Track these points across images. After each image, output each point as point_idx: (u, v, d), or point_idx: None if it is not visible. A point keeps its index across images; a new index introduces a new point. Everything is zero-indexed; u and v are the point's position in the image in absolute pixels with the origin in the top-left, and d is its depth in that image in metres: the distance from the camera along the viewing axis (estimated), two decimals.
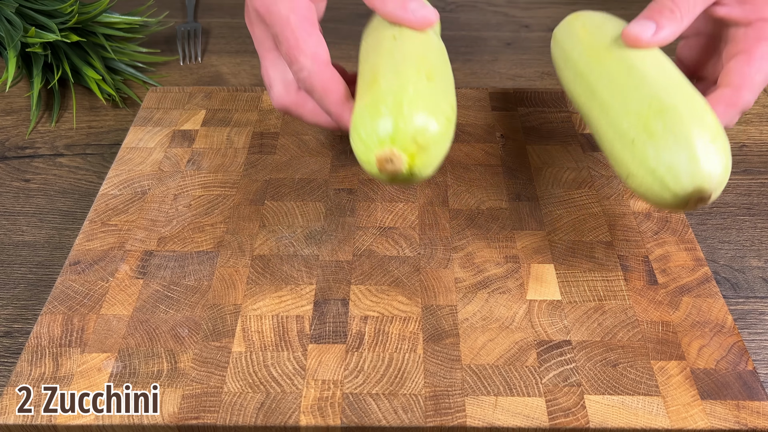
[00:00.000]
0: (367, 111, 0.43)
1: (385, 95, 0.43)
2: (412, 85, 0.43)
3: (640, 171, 0.43)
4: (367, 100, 0.43)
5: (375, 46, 0.49)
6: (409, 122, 0.41)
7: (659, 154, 0.42)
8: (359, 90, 0.46)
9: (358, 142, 0.43)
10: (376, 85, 0.44)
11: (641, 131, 0.43)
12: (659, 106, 0.43)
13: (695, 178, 0.41)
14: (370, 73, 0.46)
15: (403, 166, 0.42)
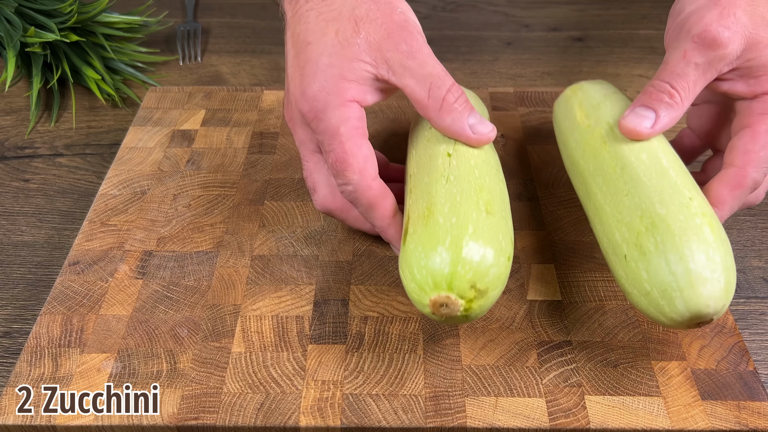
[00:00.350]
0: (422, 248, 0.40)
1: (443, 233, 0.40)
2: (472, 223, 0.40)
3: (634, 291, 0.42)
4: (423, 235, 0.41)
5: (428, 164, 0.46)
6: (468, 267, 0.39)
7: (651, 277, 0.40)
8: (412, 217, 0.43)
9: (410, 281, 0.41)
10: (432, 218, 0.41)
11: (633, 247, 0.42)
12: (651, 220, 0.41)
13: (690, 305, 0.39)
14: (424, 202, 0.43)
15: (459, 311, 0.40)
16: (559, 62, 0.79)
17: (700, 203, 0.42)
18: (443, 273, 0.39)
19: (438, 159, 0.46)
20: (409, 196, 0.46)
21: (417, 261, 0.40)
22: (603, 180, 0.46)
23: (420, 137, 0.50)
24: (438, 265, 0.39)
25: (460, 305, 0.39)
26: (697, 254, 0.39)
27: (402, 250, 0.43)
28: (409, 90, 0.46)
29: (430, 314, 0.41)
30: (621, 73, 0.77)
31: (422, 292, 0.40)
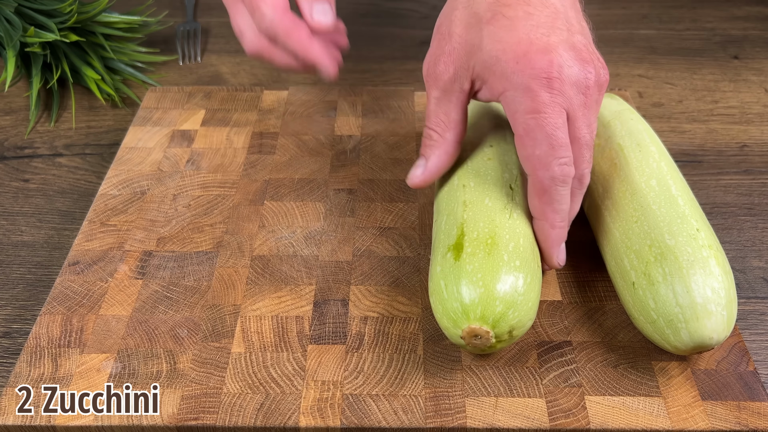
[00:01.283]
0: (482, 276, 0.41)
1: (505, 272, 0.42)
2: (530, 273, 0.43)
3: (640, 318, 0.44)
4: (485, 263, 0.42)
5: (489, 185, 0.47)
6: (514, 314, 0.41)
7: (659, 307, 0.42)
8: (469, 235, 0.44)
9: (455, 300, 0.42)
10: (496, 250, 0.42)
11: (641, 276, 0.43)
12: (660, 250, 0.43)
13: (695, 336, 0.41)
14: (486, 227, 0.44)
15: (486, 345, 0.42)
16: None
17: (707, 235, 0.44)
18: (493, 310, 0.41)
19: (501, 187, 0.47)
20: (464, 207, 0.46)
21: (472, 285, 0.41)
22: (612, 203, 0.48)
23: (480, 152, 0.50)
24: (491, 300, 0.41)
25: (491, 340, 0.41)
26: (703, 288, 0.41)
27: (452, 263, 0.43)
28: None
29: (456, 335, 0.42)
30: (621, 73, 0.77)
31: (464, 317, 0.41)
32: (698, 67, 0.78)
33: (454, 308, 0.41)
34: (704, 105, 0.72)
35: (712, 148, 0.66)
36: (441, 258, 0.44)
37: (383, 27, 0.86)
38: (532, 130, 0.43)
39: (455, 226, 0.45)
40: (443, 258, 0.43)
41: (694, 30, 0.85)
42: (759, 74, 0.77)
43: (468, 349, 0.42)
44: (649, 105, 0.72)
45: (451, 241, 0.44)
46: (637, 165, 0.49)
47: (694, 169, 0.64)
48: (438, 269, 0.43)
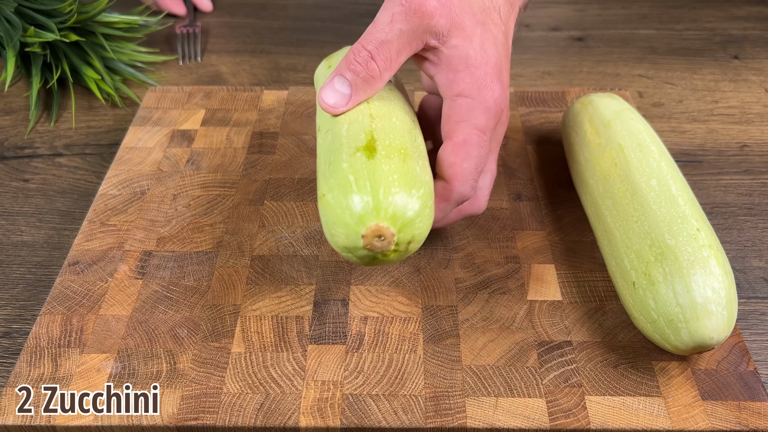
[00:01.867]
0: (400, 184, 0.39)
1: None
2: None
3: (641, 317, 0.44)
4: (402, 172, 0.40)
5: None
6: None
7: (659, 307, 0.42)
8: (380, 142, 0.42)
9: (345, 210, 0.39)
10: (409, 160, 0.41)
11: (642, 276, 0.43)
12: (660, 250, 0.43)
13: (695, 336, 0.41)
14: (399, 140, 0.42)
15: (390, 247, 0.39)
16: (560, 62, 0.79)
17: (707, 234, 0.44)
18: (404, 213, 0.39)
19: (405, 114, 0.45)
20: (371, 119, 0.43)
21: (388, 184, 0.39)
22: (613, 203, 0.48)
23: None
24: (405, 203, 0.39)
25: (391, 246, 0.39)
26: (703, 288, 0.41)
27: (364, 161, 0.40)
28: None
29: (357, 233, 0.39)
30: (621, 73, 0.77)
31: (374, 213, 0.38)
32: (698, 67, 0.78)
33: (364, 203, 0.38)
34: (704, 105, 0.72)
35: (712, 148, 0.66)
36: (348, 156, 0.40)
37: None
38: (473, 145, 0.43)
39: (362, 132, 0.42)
40: (351, 156, 0.40)
41: (695, 30, 0.85)
42: (759, 74, 0.77)
43: (357, 255, 0.40)
44: (649, 105, 0.72)
45: (360, 143, 0.41)
46: (637, 165, 0.49)
47: (695, 169, 0.64)
48: (344, 165, 0.40)
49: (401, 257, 0.40)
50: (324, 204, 0.40)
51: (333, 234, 0.40)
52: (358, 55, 0.42)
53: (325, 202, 0.40)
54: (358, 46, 0.43)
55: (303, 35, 0.85)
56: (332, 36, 0.84)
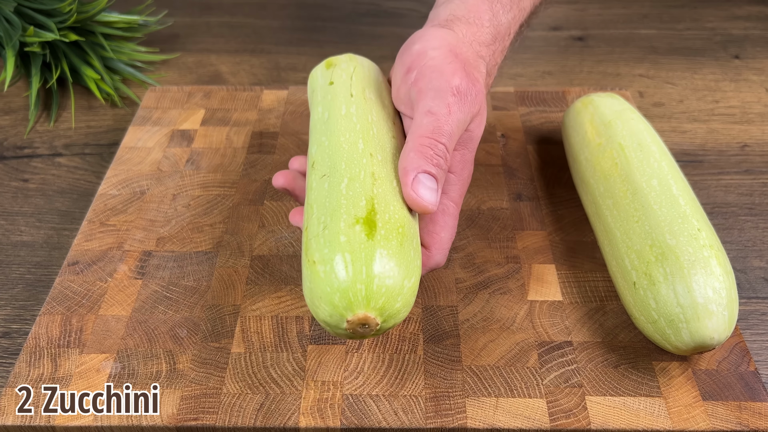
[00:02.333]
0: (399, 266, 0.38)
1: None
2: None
3: (641, 317, 0.44)
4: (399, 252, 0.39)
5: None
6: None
7: (660, 307, 0.42)
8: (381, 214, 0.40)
9: (335, 291, 0.37)
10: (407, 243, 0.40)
11: (642, 276, 0.43)
12: (661, 250, 0.43)
13: (696, 336, 0.41)
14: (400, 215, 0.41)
15: (369, 333, 0.39)
16: (560, 62, 0.79)
17: (707, 234, 0.44)
18: (392, 305, 0.38)
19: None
20: (373, 180, 0.41)
21: (384, 274, 0.38)
22: (613, 203, 0.48)
23: (385, 124, 0.47)
24: (396, 295, 0.38)
25: (371, 332, 0.39)
26: (704, 288, 0.41)
27: (364, 240, 0.38)
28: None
29: (342, 317, 0.38)
30: (622, 73, 0.77)
31: (363, 302, 0.38)
32: (699, 67, 0.78)
33: (355, 290, 0.37)
34: (705, 105, 0.72)
35: (713, 148, 0.66)
36: (346, 227, 0.38)
37: (383, 27, 0.86)
38: (452, 215, 0.45)
39: (363, 197, 0.40)
40: (349, 228, 0.38)
41: (695, 30, 0.85)
42: (760, 74, 0.77)
43: (335, 331, 0.39)
44: (649, 105, 0.72)
45: (360, 212, 0.39)
46: (638, 165, 0.49)
47: (695, 168, 0.64)
48: (342, 239, 0.38)
49: (376, 336, 0.41)
50: (313, 273, 0.38)
51: (316, 306, 0.38)
52: (436, 149, 0.41)
53: (315, 272, 0.38)
54: (431, 141, 0.42)
55: (303, 35, 0.85)
56: (332, 36, 0.84)
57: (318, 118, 0.48)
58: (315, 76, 0.53)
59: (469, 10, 0.48)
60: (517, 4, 0.50)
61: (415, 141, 0.41)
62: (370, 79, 0.50)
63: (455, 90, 0.43)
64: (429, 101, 0.43)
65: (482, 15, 0.48)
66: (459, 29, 0.47)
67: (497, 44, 0.49)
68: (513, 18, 0.50)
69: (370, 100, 0.48)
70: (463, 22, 0.48)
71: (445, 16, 0.48)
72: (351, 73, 0.50)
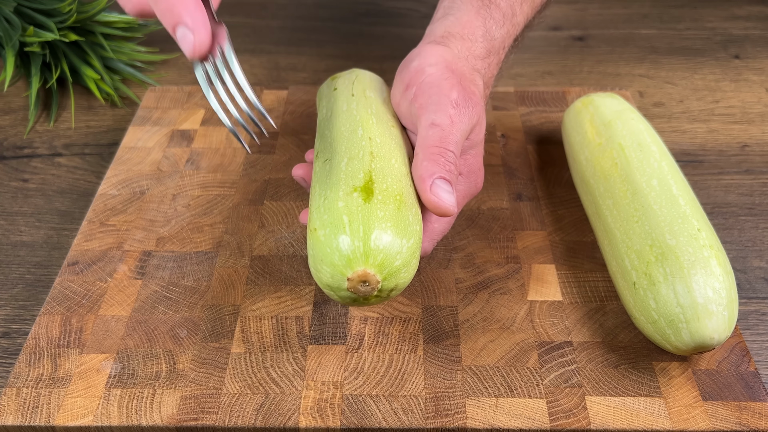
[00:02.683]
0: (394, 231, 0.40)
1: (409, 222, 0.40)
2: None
3: (641, 317, 0.44)
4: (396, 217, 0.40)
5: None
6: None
7: (660, 307, 0.42)
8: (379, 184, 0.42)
9: (334, 250, 0.39)
10: (405, 206, 0.41)
11: (642, 276, 0.43)
12: (661, 250, 0.43)
13: (696, 336, 0.41)
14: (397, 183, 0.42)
15: (373, 293, 0.39)
16: (560, 62, 0.79)
17: (707, 235, 0.44)
18: (392, 262, 0.39)
19: (404, 155, 0.45)
20: (371, 158, 0.43)
21: (381, 231, 0.39)
22: (613, 203, 0.48)
23: (384, 113, 0.48)
24: (394, 252, 0.39)
25: (374, 292, 0.39)
26: (704, 288, 0.41)
27: (360, 203, 0.40)
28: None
29: (343, 275, 0.39)
30: (622, 73, 0.77)
31: (362, 259, 0.39)
32: (699, 67, 0.78)
33: (354, 247, 0.39)
34: (705, 105, 0.72)
35: (713, 148, 0.66)
36: (345, 195, 0.40)
37: (383, 27, 0.86)
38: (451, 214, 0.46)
39: (361, 171, 0.42)
40: (347, 195, 0.40)
41: (695, 30, 0.85)
42: (760, 74, 0.76)
43: (338, 294, 0.40)
44: (650, 105, 0.72)
45: (358, 183, 0.41)
46: (638, 165, 0.49)
47: (695, 168, 0.64)
48: (340, 204, 0.40)
49: (381, 302, 0.41)
50: (314, 239, 0.40)
51: (318, 270, 0.40)
52: (447, 157, 0.43)
53: (316, 238, 0.40)
54: (441, 150, 0.43)
55: (303, 35, 0.85)
56: (332, 36, 0.84)
57: (322, 117, 0.50)
58: (321, 89, 0.55)
59: (464, 26, 0.50)
60: (510, 20, 0.52)
61: (426, 151, 0.43)
62: (372, 83, 0.52)
63: (454, 103, 0.45)
64: (431, 115, 0.45)
65: (475, 31, 0.50)
66: (454, 45, 0.49)
67: (492, 57, 0.51)
68: (506, 33, 0.52)
69: (370, 98, 0.49)
70: (457, 38, 0.49)
71: (440, 32, 0.50)
72: (353, 80, 0.52)
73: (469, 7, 0.51)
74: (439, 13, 0.52)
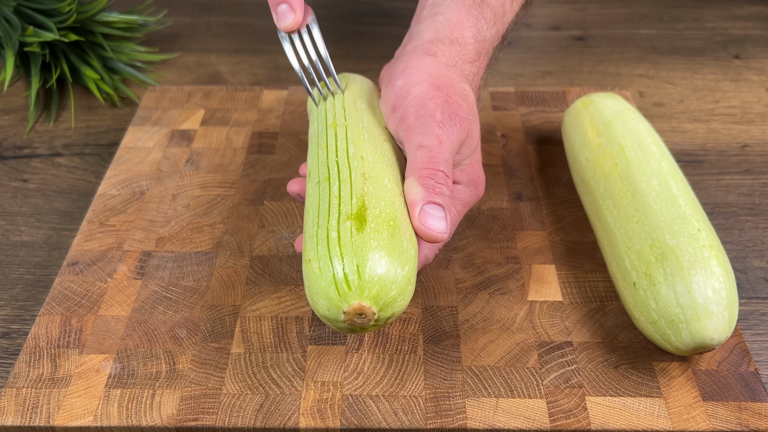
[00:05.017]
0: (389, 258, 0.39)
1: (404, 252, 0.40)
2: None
3: (641, 318, 0.44)
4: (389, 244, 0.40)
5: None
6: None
7: (660, 307, 0.42)
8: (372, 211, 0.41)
9: (330, 284, 0.39)
10: (398, 233, 0.41)
11: (643, 276, 0.43)
12: (661, 250, 0.43)
13: (696, 337, 0.41)
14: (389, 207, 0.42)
15: (369, 324, 0.39)
16: (560, 62, 0.79)
17: (707, 235, 0.44)
18: (387, 293, 0.39)
19: (397, 173, 0.45)
20: (364, 180, 0.43)
21: (375, 263, 0.39)
22: (613, 203, 0.48)
23: (376, 129, 0.48)
24: (389, 283, 0.39)
25: (370, 323, 0.39)
26: (704, 288, 0.41)
27: (354, 233, 0.40)
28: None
29: (339, 309, 0.39)
30: (622, 73, 0.77)
31: (357, 292, 0.39)
32: (699, 67, 0.78)
33: (349, 281, 0.38)
34: (705, 105, 0.72)
35: (713, 148, 0.66)
36: (338, 224, 0.40)
37: (383, 26, 0.86)
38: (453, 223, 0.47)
39: (354, 196, 0.42)
40: (341, 225, 0.40)
41: (695, 29, 0.85)
42: (760, 74, 0.76)
43: (335, 325, 0.40)
44: (650, 105, 0.72)
45: (351, 210, 0.41)
46: (638, 165, 0.49)
47: (695, 169, 0.64)
48: (333, 234, 0.40)
49: (378, 328, 0.41)
50: (309, 270, 0.40)
51: (315, 302, 0.40)
52: (437, 178, 0.43)
53: (311, 270, 0.40)
54: (430, 171, 0.43)
55: None
56: (332, 36, 0.84)
57: (313, 132, 0.50)
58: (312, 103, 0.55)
59: (453, 28, 0.49)
60: (501, 19, 0.51)
61: (415, 174, 0.43)
62: (362, 91, 0.52)
63: (440, 123, 0.44)
64: (418, 137, 0.44)
65: (466, 33, 0.49)
66: (443, 52, 0.48)
67: (482, 59, 0.50)
68: (496, 32, 0.51)
69: (361, 109, 0.49)
70: (446, 42, 0.48)
71: (429, 36, 0.49)
72: (343, 88, 0.51)
73: (459, 6, 0.49)
74: (426, 10, 0.50)
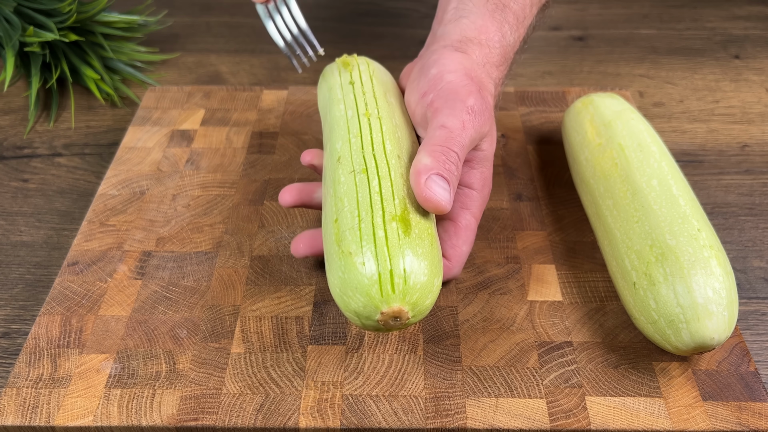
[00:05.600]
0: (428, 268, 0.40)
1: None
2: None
3: (641, 318, 0.44)
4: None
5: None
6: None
7: (660, 307, 0.42)
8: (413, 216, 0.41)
9: (371, 285, 0.38)
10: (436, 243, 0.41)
11: (642, 276, 0.43)
12: (661, 250, 0.43)
13: (696, 337, 0.41)
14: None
15: (398, 327, 0.40)
16: (560, 62, 0.79)
17: (707, 235, 0.44)
18: (424, 300, 0.40)
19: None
20: (403, 180, 0.43)
21: (420, 270, 0.39)
22: (613, 203, 0.48)
23: (407, 128, 0.49)
24: (428, 291, 0.40)
25: (400, 325, 0.40)
26: (704, 288, 0.41)
27: (402, 237, 0.39)
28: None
29: (376, 310, 0.38)
30: (622, 73, 0.77)
31: (400, 296, 0.39)
32: (699, 67, 0.78)
33: (395, 283, 0.38)
34: (705, 105, 0.72)
35: (713, 148, 0.66)
36: (383, 223, 0.39)
37: (383, 26, 0.86)
38: (472, 231, 0.48)
39: (397, 197, 0.41)
40: (387, 224, 0.39)
41: (695, 29, 0.85)
42: (760, 74, 0.76)
43: (364, 322, 0.40)
44: (650, 105, 0.72)
45: (395, 211, 0.40)
46: (638, 165, 0.49)
47: (695, 169, 0.64)
48: (380, 233, 0.39)
49: (398, 330, 0.42)
50: (349, 264, 0.39)
51: (348, 296, 0.39)
52: (449, 156, 0.42)
53: (351, 263, 0.39)
54: (444, 149, 0.42)
55: None
56: (332, 36, 0.84)
57: (340, 114, 0.48)
58: (332, 73, 0.54)
59: (480, 31, 0.49)
60: (522, 23, 0.51)
61: (428, 148, 0.42)
62: (389, 84, 0.52)
63: (470, 109, 0.44)
64: (443, 117, 0.44)
65: (492, 36, 0.49)
66: (473, 52, 0.48)
67: (505, 64, 0.50)
68: (518, 37, 0.51)
69: (392, 104, 0.49)
70: (475, 43, 0.48)
71: (457, 36, 0.49)
72: (371, 76, 0.51)
73: (483, 10, 0.49)
74: (450, 14, 0.51)
